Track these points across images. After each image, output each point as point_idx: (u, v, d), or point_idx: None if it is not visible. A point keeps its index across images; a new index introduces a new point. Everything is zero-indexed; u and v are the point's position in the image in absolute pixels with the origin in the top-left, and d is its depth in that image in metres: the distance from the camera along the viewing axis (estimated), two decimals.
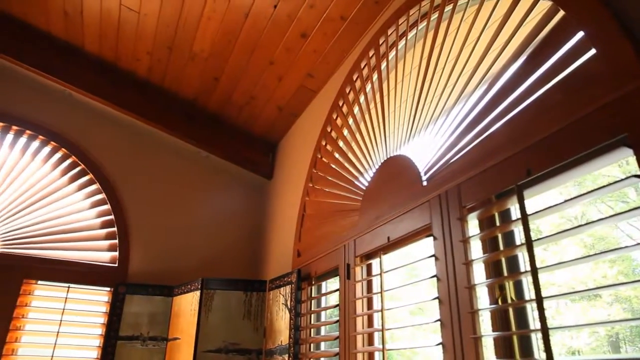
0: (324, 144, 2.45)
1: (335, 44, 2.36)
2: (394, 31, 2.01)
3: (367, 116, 2.05)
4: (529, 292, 1.14)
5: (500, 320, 1.15)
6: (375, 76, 2.09)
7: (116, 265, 2.72)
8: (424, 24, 1.80)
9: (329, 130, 2.42)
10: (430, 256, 1.39)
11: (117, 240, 2.77)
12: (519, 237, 1.19)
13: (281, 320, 2.25)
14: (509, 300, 1.16)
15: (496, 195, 1.22)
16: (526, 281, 1.15)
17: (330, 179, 2.29)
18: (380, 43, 2.08)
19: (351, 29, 2.26)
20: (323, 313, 2.17)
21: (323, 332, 2.17)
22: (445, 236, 1.34)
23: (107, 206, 2.81)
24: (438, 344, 1.28)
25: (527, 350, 1.09)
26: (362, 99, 2.17)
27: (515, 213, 1.21)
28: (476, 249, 1.27)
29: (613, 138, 0.91)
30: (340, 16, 2.20)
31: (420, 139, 1.64)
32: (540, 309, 0.98)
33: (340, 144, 2.28)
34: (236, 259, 3.13)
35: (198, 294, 2.44)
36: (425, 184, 1.53)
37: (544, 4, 1.18)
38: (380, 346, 1.55)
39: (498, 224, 1.25)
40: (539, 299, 0.98)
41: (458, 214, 1.32)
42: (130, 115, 2.85)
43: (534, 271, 1.01)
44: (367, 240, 1.79)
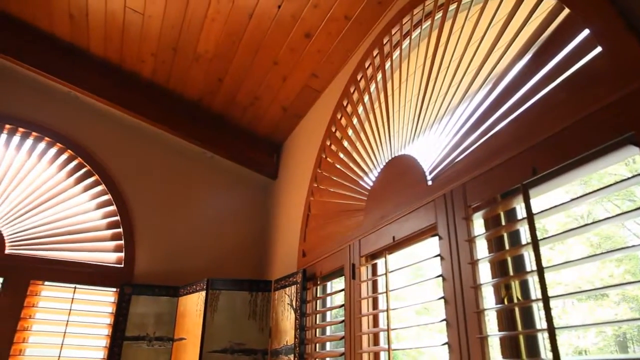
0: (328, 143, 2.45)
1: (339, 44, 2.36)
2: (398, 30, 2.00)
3: (372, 116, 2.05)
4: (535, 292, 1.13)
5: (506, 320, 1.14)
6: (379, 76, 2.09)
7: (122, 266, 2.73)
8: (428, 23, 1.80)
9: (334, 130, 2.42)
10: (436, 256, 1.38)
11: (123, 241, 2.78)
12: (525, 237, 1.19)
13: (286, 320, 2.25)
14: (515, 300, 1.15)
15: (501, 195, 1.22)
16: (532, 280, 1.14)
17: (335, 179, 2.29)
18: (384, 42, 2.08)
19: (355, 29, 2.26)
20: (328, 313, 2.17)
21: (328, 332, 2.17)
22: (451, 236, 1.34)
23: (113, 207, 2.82)
24: (444, 344, 1.28)
25: (534, 350, 1.08)
26: (367, 98, 2.16)
27: (520, 212, 1.21)
28: (482, 249, 1.26)
29: (619, 136, 0.91)
30: (344, 16, 2.20)
31: (424, 138, 1.63)
32: (547, 309, 0.97)
33: (345, 143, 2.28)
34: (241, 259, 3.13)
35: (203, 294, 2.45)
36: (430, 183, 1.52)
37: (549, 2, 1.17)
38: (386, 346, 1.54)
39: (504, 223, 1.25)
40: (545, 299, 0.98)
41: (463, 213, 1.31)
42: (135, 116, 2.87)
43: (540, 270, 1.00)
44: (372, 240, 1.79)
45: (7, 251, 2.49)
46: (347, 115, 2.30)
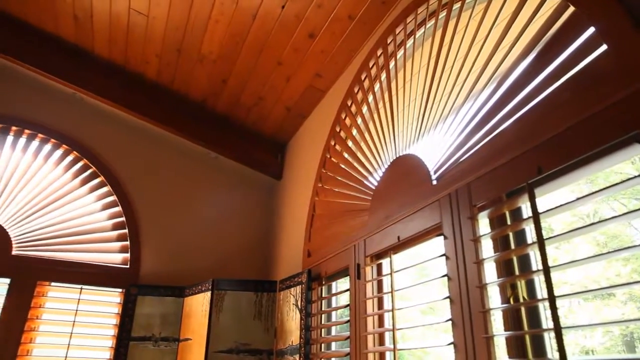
0: (332, 143, 2.45)
1: (343, 44, 2.36)
2: (402, 30, 2.00)
3: (376, 115, 2.05)
4: (541, 291, 1.13)
5: (512, 320, 1.14)
6: (383, 75, 2.08)
7: (128, 267, 2.74)
8: (432, 22, 1.80)
9: (338, 130, 2.42)
10: (441, 255, 1.38)
11: (129, 242, 2.79)
12: (531, 236, 1.18)
13: (292, 320, 2.26)
14: (521, 300, 1.15)
15: (507, 194, 1.22)
16: (538, 280, 1.14)
17: (339, 179, 2.29)
18: (388, 42, 2.07)
19: (359, 29, 2.26)
20: (333, 313, 2.17)
21: (334, 332, 2.17)
22: (456, 235, 1.34)
23: (118, 208, 2.84)
24: (449, 344, 1.27)
25: (540, 350, 1.08)
26: (371, 98, 2.16)
27: (526, 211, 1.20)
28: (487, 248, 1.26)
29: (625, 135, 0.90)
30: (348, 15, 2.19)
31: (429, 137, 1.63)
32: (553, 308, 0.97)
33: (349, 143, 2.28)
34: (246, 259, 3.14)
35: (209, 294, 2.45)
36: (435, 183, 1.52)
37: (554, 0, 1.17)
38: (392, 346, 1.54)
39: (509, 222, 1.24)
40: (552, 298, 0.97)
41: (468, 212, 1.31)
42: (139, 117, 2.88)
43: (546, 270, 1.00)
44: (377, 240, 1.79)
45: (14, 252, 2.51)
46: (352, 115, 2.30)
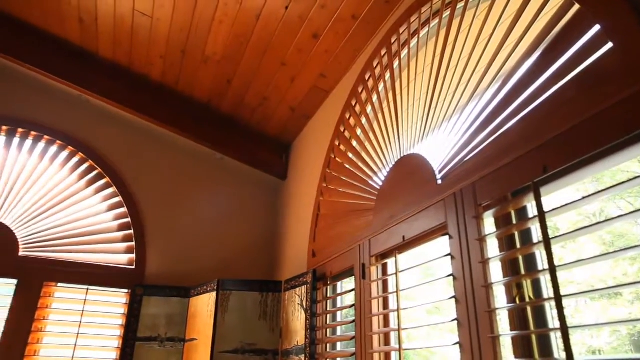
0: (337, 143, 2.45)
1: (347, 44, 2.36)
2: (405, 29, 2.00)
3: (380, 115, 2.05)
4: (547, 291, 1.12)
5: (518, 319, 1.14)
6: (387, 75, 2.08)
7: (133, 267, 2.75)
8: (436, 21, 1.79)
9: (342, 130, 2.42)
10: (446, 255, 1.38)
11: (134, 243, 2.80)
12: (536, 235, 1.18)
13: (297, 320, 2.26)
14: (527, 299, 1.14)
15: (512, 193, 1.21)
16: (544, 279, 1.13)
17: (344, 178, 2.29)
18: (392, 42, 2.07)
19: (363, 28, 2.26)
20: (339, 313, 2.17)
21: (339, 332, 2.17)
22: (461, 235, 1.33)
23: (124, 209, 2.85)
24: (455, 344, 1.27)
25: (547, 349, 1.07)
26: (375, 98, 2.16)
27: (531, 211, 1.20)
28: (492, 248, 1.25)
29: (631, 133, 0.90)
30: (352, 15, 2.19)
31: (434, 137, 1.63)
32: (559, 308, 0.96)
33: (354, 143, 2.28)
34: (251, 259, 3.14)
35: (214, 295, 2.46)
36: (439, 182, 1.52)
37: None
38: (397, 346, 1.54)
39: (515, 221, 1.24)
40: (558, 298, 0.97)
41: (474, 212, 1.30)
42: (144, 118, 2.89)
43: (552, 269, 0.99)
44: (382, 239, 1.79)
45: (21, 253, 2.53)
46: (356, 115, 2.29)
